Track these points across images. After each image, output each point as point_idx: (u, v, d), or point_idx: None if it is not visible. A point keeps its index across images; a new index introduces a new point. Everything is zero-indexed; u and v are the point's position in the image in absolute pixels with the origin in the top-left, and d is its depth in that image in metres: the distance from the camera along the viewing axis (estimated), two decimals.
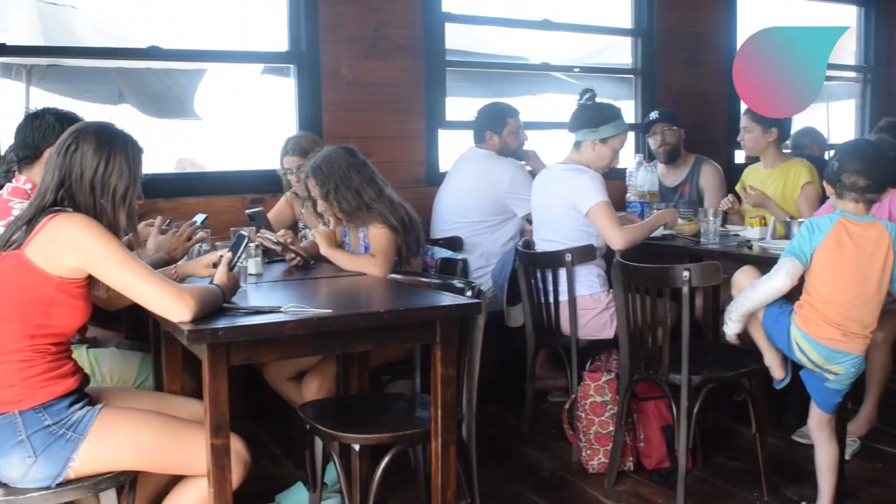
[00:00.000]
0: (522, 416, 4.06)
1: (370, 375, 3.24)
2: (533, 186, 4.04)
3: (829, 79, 7.16)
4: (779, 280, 2.82)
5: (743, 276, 3.04)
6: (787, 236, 3.61)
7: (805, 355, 2.90)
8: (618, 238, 3.66)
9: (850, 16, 6.78)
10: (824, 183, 2.98)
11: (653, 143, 4.78)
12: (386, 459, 2.63)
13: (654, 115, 4.82)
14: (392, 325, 2.46)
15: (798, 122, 5.61)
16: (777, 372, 3.11)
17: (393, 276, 3.12)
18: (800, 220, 3.65)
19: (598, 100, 3.94)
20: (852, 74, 6.86)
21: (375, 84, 4.53)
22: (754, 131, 4.28)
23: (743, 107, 4.51)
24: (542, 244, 3.93)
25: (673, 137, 4.74)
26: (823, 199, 3.83)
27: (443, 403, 2.53)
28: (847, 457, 3.53)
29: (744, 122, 4.33)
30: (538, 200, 3.97)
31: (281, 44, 4.43)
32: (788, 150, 5.26)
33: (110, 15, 4.79)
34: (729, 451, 3.76)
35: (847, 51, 6.90)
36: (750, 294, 2.90)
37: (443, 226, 4.37)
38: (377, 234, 3.24)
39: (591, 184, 3.73)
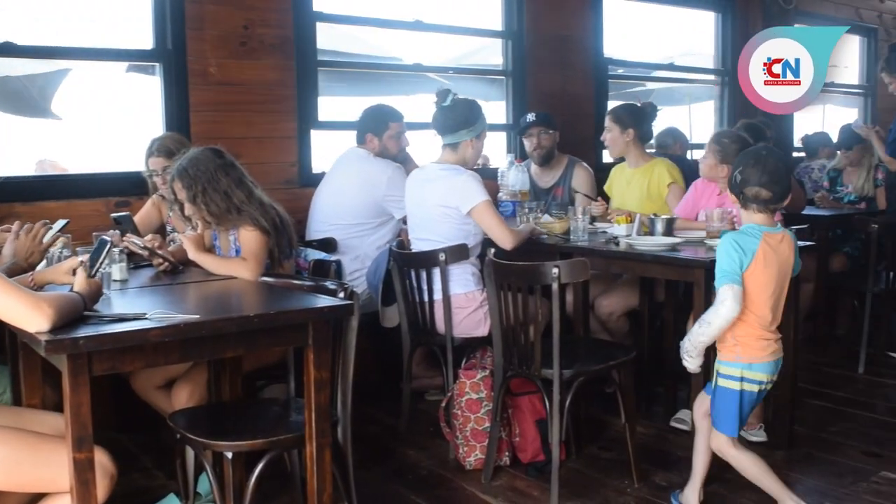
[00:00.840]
0: (400, 415, 4.06)
1: (244, 381, 3.17)
2: (407, 186, 4.04)
3: (690, 81, 7.51)
4: (729, 308, 2.79)
5: None
6: (652, 232, 3.74)
7: (758, 383, 2.92)
8: (508, 238, 3.72)
9: (708, 21, 7.11)
10: (728, 192, 3.03)
11: (528, 145, 4.85)
12: (260, 466, 2.58)
13: (530, 117, 4.88)
14: (263, 328, 2.42)
15: (661, 123, 5.84)
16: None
17: (264, 278, 3.06)
18: (664, 216, 3.79)
19: (456, 97, 3.94)
20: (711, 77, 7.18)
21: (245, 83, 4.45)
22: (613, 131, 4.41)
23: (609, 107, 4.65)
24: (419, 244, 3.94)
25: (548, 141, 4.84)
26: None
27: (317, 406, 2.51)
28: (753, 439, 3.75)
29: (606, 122, 4.46)
30: (414, 200, 3.98)
31: (146, 41, 4.29)
32: (653, 150, 5.46)
33: None
34: (601, 442, 3.87)
35: (706, 55, 7.23)
36: (704, 330, 2.86)
37: (319, 227, 4.33)
38: (248, 237, 3.18)
39: (472, 183, 3.77)
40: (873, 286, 4.90)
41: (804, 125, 7.44)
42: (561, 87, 5.75)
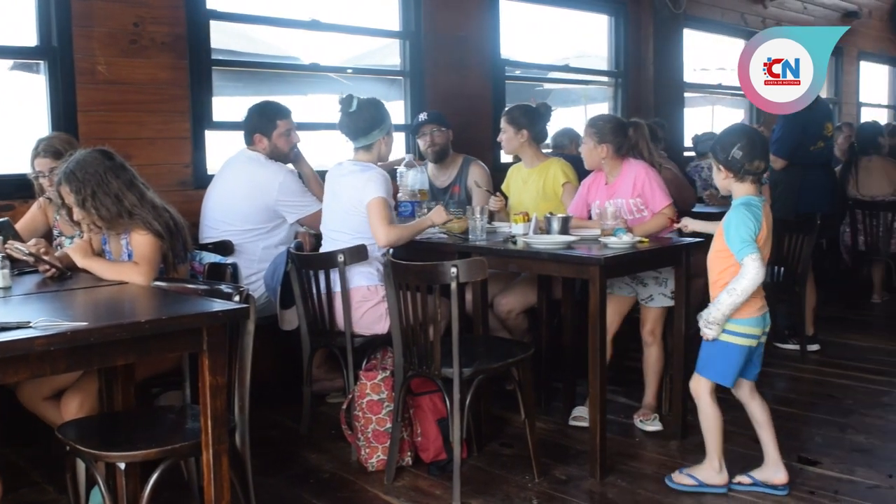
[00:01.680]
0: (301, 419, 4.03)
1: (137, 389, 3.08)
2: (326, 179, 4.03)
3: (586, 83, 7.67)
4: (756, 274, 3.00)
5: None
6: (548, 231, 3.80)
7: (751, 337, 3.17)
8: (382, 235, 3.73)
9: (602, 24, 7.27)
10: (718, 167, 3.20)
11: (422, 143, 4.87)
12: (154, 476, 2.51)
13: (423, 116, 4.91)
14: (155, 334, 2.35)
15: (558, 124, 5.95)
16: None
17: (158, 283, 2.98)
18: (559, 215, 3.86)
19: (360, 100, 3.95)
20: (605, 79, 7.36)
21: (136, 83, 4.32)
22: (508, 132, 4.47)
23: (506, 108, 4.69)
24: (332, 235, 3.93)
25: (441, 138, 4.86)
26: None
27: (213, 412, 2.46)
28: (650, 429, 3.95)
29: (501, 123, 4.50)
30: (331, 192, 3.98)
31: (30, 38, 4.12)
32: (549, 150, 5.56)
33: None
34: (502, 439, 3.92)
35: (600, 57, 7.40)
36: (734, 300, 3.04)
37: (212, 231, 4.24)
38: (140, 241, 3.09)
39: (375, 179, 3.79)
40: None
41: (694, 126, 7.69)
42: (458, 88, 5.79)
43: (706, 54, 8.88)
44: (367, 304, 3.83)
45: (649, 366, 4.09)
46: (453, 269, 3.13)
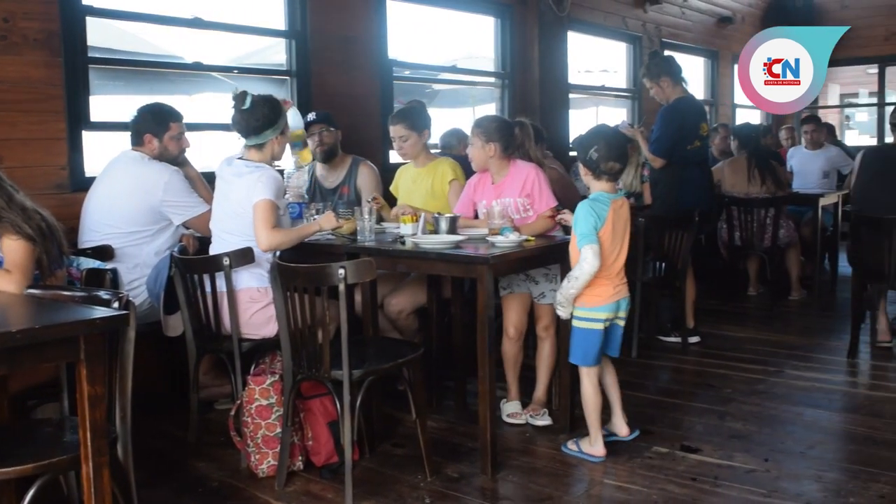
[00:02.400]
0: (188, 427, 3.92)
1: (11, 402, 2.94)
2: (217, 175, 3.92)
3: (474, 83, 7.75)
4: (592, 264, 3.40)
5: None
6: (436, 231, 3.82)
7: (601, 321, 3.55)
8: (263, 239, 3.65)
9: (488, 26, 7.36)
10: (580, 164, 3.60)
11: (311, 143, 4.82)
12: (31, 493, 2.40)
13: (311, 116, 4.86)
14: (28, 345, 2.25)
15: (446, 124, 5.99)
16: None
17: (31, 291, 2.86)
18: (447, 215, 3.88)
19: (255, 97, 3.86)
20: (492, 80, 7.45)
21: (6, 81, 4.13)
22: (411, 138, 4.46)
23: (395, 109, 4.70)
24: (222, 236, 3.84)
25: (330, 138, 4.82)
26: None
27: (91, 424, 2.37)
28: (540, 423, 4.04)
29: (399, 132, 4.47)
30: (221, 192, 3.88)
31: None
32: (438, 151, 5.59)
33: None
34: (394, 439, 3.92)
35: (487, 59, 7.49)
36: (572, 283, 3.46)
37: (92, 235, 4.08)
38: (11, 247, 2.95)
39: (265, 181, 3.71)
40: (642, 275, 5.26)
41: (578, 126, 7.86)
42: (346, 88, 5.76)
43: (590, 56, 9.11)
44: (255, 305, 3.76)
45: (542, 361, 4.15)
46: (341, 271, 3.11)
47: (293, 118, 4.32)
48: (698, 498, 3.27)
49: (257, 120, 3.80)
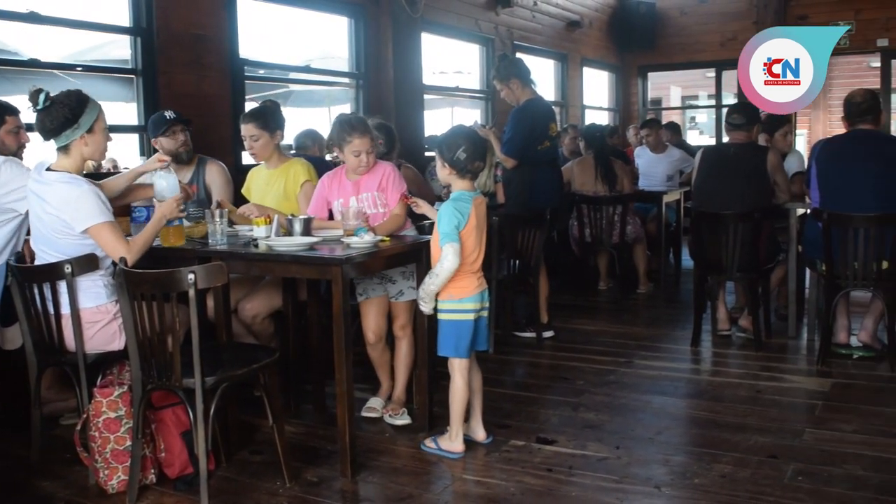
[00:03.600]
0: (31, 445, 3.71)
1: None
2: (29, 185, 3.64)
3: (329, 84, 7.70)
4: (452, 262, 3.48)
5: None
6: (290, 233, 3.77)
7: (471, 312, 3.63)
8: (126, 252, 3.41)
9: (342, 26, 7.32)
10: (442, 163, 3.62)
11: (172, 143, 4.61)
12: None
13: (170, 114, 4.66)
14: None
15: (301, 125, 5.92)
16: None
17: None
18: (301, 216, 3.83)
19: (54, 95, 3.55)
20: (347, 80, 7.41)
21: None
22: (262, 138, 4.37)
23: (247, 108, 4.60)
24: (42, 255, 3.61)
25: (188, 138, 4.69)
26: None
27: None
28: (399, 423, 4.06)
29: (251, 131, 4.36)
30: (33, 210, 3.63)
31: None
32: (293, 152, 5.52)
33: None
34: (252, 446, 3.84)
35: (341, 59, 7.45)
36: (433, 280, 3.52)
37: None
38: None
39: (87, 201, 3.45)
40: (497, 273, 5.36)
41: (433, 127, 7.93)
42: (196, 87, 5.60)
43: (445, 58, 9.21)
44: (96, 325, 3.55)
45: (400, 360, 4.16)
46: (191, 276, 3.02)
47: (167, 181, 3.78)
48: (554, 487, 3.36)
49: (53, 121, 3.49)
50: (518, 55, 9.44)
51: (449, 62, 9.59)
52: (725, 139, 5.69)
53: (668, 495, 3.29)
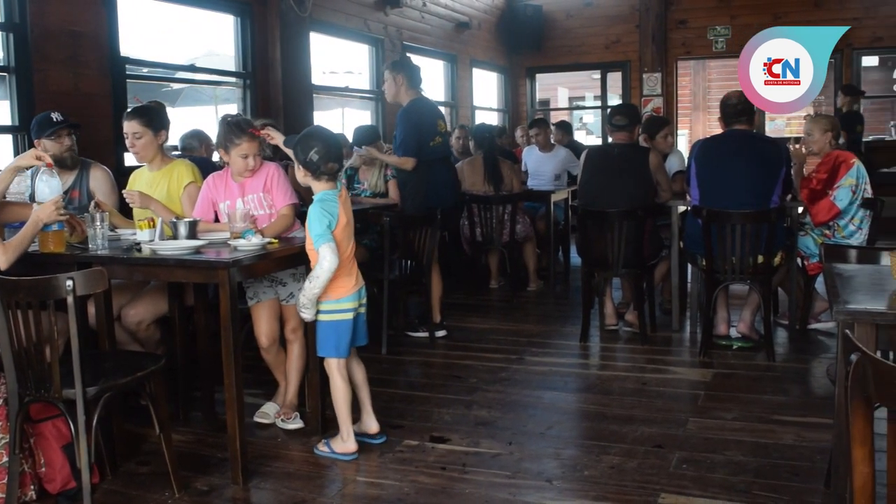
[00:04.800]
0: None
1: None
2: None
3: (215, 83, 7.54)
4: (331, 262, 3.44)
5: None
6: (175, 236, 3.68)
7: (350, 311, 3.62)
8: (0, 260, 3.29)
9: (228, 25, 7.18)
10: (297, 165, 3.58)
11: (57, 147, 4.39)
12: None
13: (57, 116, 4.38)
14: None
15: (187, 125, 5.78)
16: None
17: None
18: (186, 219, 3.74)
19: None
20: (233, 79, 7.28)
21: None
22: (145, 137, 4.24)
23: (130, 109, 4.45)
24: None
25: (74, 143, 4.47)
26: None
27: None
28: (292, 427, 4.02)
29: (132, 128, 4.22)
30: None
31: None
32: (178, 153, 5.39)
33: None
34: (139, 457, 3.73)
35: (228, 57, 7.31)
36: (314, 284, 3.48)
37: None
38: None
39: None
40: (389, 274, 5.37)
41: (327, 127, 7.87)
42: (73, 86, 5.39)
43: (335, 58, 9.16)
44: None
45: (291, 364, 4.11)
46: (69, 282, 2.90)
47: (50, 186, 3.51)
48: (448, 486, 3.38)
49: None
50: (408, 56, 9.49)
51: (339, 62, 9.54)
52: (610, 139, 5.85)
53: (559, 488, 3.36)
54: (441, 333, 5.78)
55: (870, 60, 13.53)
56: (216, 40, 7.45)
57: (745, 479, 3.36)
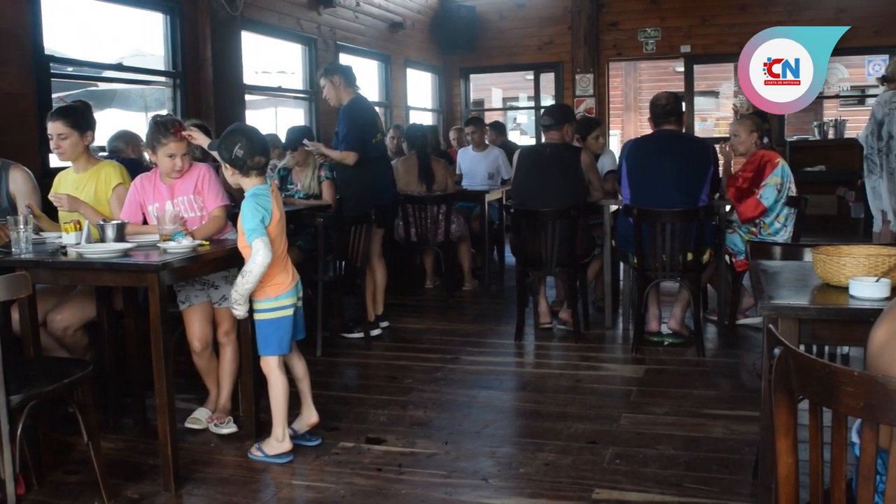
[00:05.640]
0: None
1: None
2: None
3: (144, 83, 7.39)
4: (264, 256, 3.39)
5: None
6: (103, 239, 3.59)
7: (289, 307, 3.61)
8: None
9: (157, 23, 7.04)
10: (225, 165, 3.55)
11: None
12: None
13: None
14: None
15: (115, 126, 5.65)
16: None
17: None
18: (113, 221, 3.67)
19: None
20: (163, 79, 7.14)
21: None
22: (71, 138, 4.13)
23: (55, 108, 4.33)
24: None
25: None
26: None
27: None
28: (225, 432, 3.97)
29: (57, 129, 4.11)
30: None
31: None
32: (105, 154, 5.27)
33: None
34: (67, 466, 3.64)
35: (158, 57, 7.17)
36: (247, 279, 3.42)
37: None
38: None
39: None
40: (324, 275, 5.33)
41: (258, 127, 7.77)
42: None
43: (268, 57, 9.06)
44: None
45: (224, 367, 4.05)
46: None
47: None
48: (384, 487, 3.37)
49: None
50: (341, 55, 9.46)
51: (272, 62, 9.44)
52: (543, 139, 5.91)
53: (495, 486, 3.38)
54: (378, 331, 5.78)
55: None
56: (145, 39, 7.30)
57: (677, 473, 3.43)
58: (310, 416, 3.82)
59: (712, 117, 17.15)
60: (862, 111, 13.41)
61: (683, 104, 5.73)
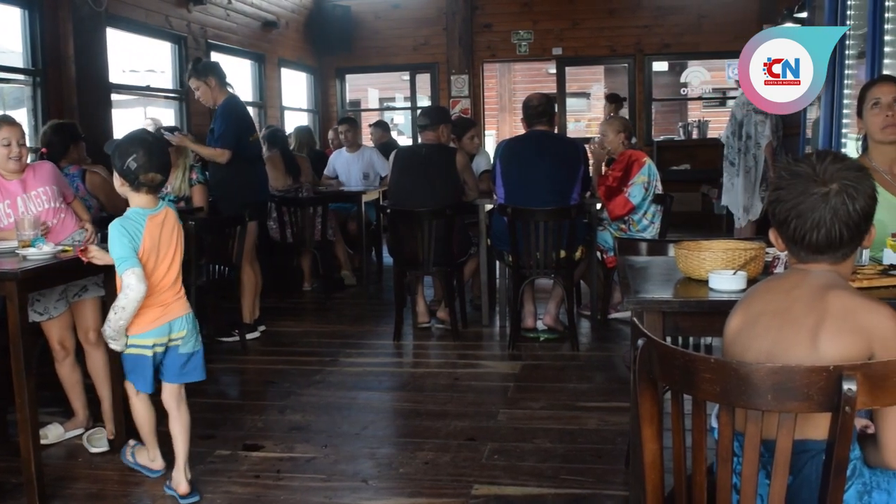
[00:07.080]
0: None
1: None
2: None
3: (3, 80, 7.01)
4: (137, 289, 3.01)
5: None
6: None
7: (150, 347, 3.20)
8: None
9: (14, 18, 6.70)
10: (115, 174, 3.16)
11: None
12: None
13: None
14: None
15: None
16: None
17: None
18: None
19: None
20: (21, 77, 6.80)
21: None
22: None
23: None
24: None
25: None
26: None
27: None
28: (96, 449, 3.77)
29: None
30: None
31: None
32: None
33: None
34: None
35: (15, 54, 6.82)
36: (120, 315, 3.05)
37: None
38: None
39: None
40: (197, 280, 5.19)
41: (123, 128, 7.49)
42: None
43: (136, 56, 8.76)
44: None
45: (97, 372, 3.82)
46: None
47: None
48: (262, 493, 3.32)
49: None
50: (213, 55, 9.23)
51: (140, 60, 9.13)
52: (420, 140, 5.95)
53: (375, 487, 3.37)
54: (256, 334, 5.69)
55: (660, 66, 14.43)
56: (2, 35, 6.93)
57: (553, 465, 3.51)
58: (178, 482, 3.28)
59: (584, 118, 17.63)
60: (723, 112, 14.06)
61: (556, 105, 5.86)
